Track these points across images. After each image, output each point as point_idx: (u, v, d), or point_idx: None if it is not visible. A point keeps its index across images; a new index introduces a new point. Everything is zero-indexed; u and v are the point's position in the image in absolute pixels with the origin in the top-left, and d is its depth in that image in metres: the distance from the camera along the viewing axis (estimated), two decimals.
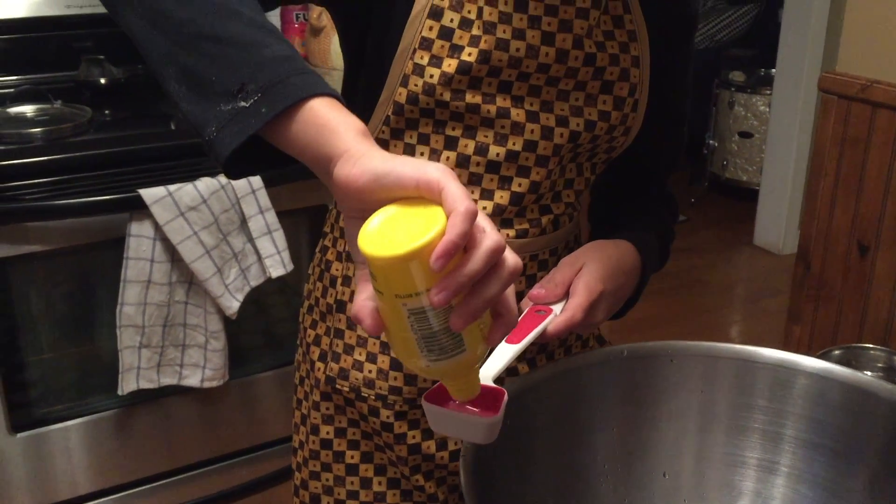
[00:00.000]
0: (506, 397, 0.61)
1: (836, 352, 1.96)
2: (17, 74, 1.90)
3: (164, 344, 1.65)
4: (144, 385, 1.66)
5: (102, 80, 1.87)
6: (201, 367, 1.70)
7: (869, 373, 1.90)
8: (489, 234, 0.52)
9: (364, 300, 0.55)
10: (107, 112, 1.79)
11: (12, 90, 1.77)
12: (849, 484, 0.66)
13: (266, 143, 0.60)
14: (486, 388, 0.61)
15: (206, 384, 1.71)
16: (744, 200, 3.87)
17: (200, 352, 1.69)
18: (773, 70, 3.51)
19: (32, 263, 1.59)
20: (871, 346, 1.94)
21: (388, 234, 0.51)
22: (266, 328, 1.92)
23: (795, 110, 3.34)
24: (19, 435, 1.64)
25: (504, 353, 0.68)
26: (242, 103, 0.58)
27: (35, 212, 1.51)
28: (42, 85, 1.80)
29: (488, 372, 0.66)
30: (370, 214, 0.53)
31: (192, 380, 1.70)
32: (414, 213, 0.52)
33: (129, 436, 1.75)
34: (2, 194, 1.49)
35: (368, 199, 0.54)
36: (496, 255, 0.52)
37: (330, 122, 0.57)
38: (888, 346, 1.93)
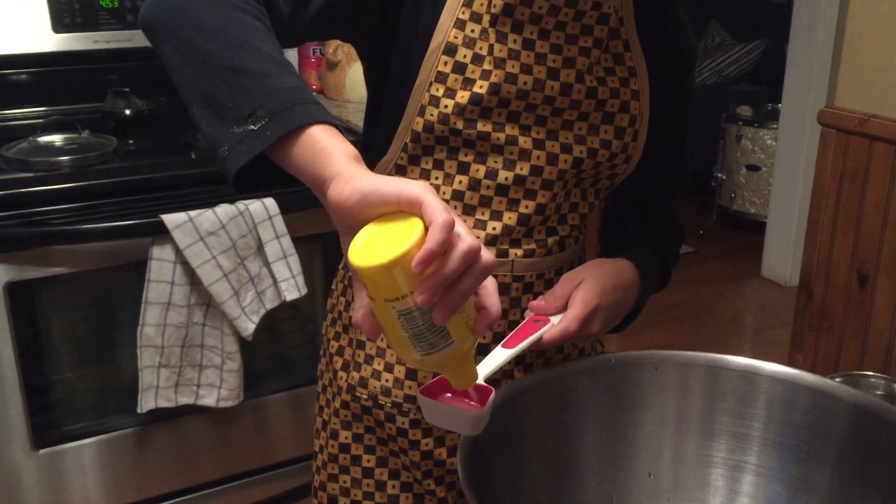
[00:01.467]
0: (493, 395, 0.67)
1: (837, 379, 1.99)
2: (47, 105, 1.99)
3: (182, 364, 1.71)
4: (162, 404, 1.71)
5: (127, 112, 1.95)
6: (217, 388, 1.76)
7: None
8: (464, 238, 0.58)
9: (359, 307, 0.61)
10: (131, 142, 1.86)
11: (42, 120, 1.85)
12: (813, 479, 0.71)
13: (272, 163, 0.67)
14: (476, 386, 0.67)
15: (222, 404, 1.77)
16: (752, 232, 3.92)
17: (217, 372, 1.75)
18: (780, 105, 3.58)
19: (57, 285, 1.66)
20: (871, 373, 1.98)
21: (373, 246, 0.57)
22: (280, 352, 1.98)
23: (801, 144, 3.39)
24: (41, 451, 1.69)
25: (498, 356, 0.74)
26: (252, 126, 0.66)
27: (62, 236, 1.58)
28: (71, 115, 1.88)
29: (481, 372, 0.71)
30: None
31: (209, 399, 1.75)
32: (395, 227, 0.58)
33: (146, 454, 1.80)
34: (31, 219, 1.56)
35: (358, 216, 0.60)
36: (472, 257, 0.58)
37: (326, 148, 0.64)
38: (888, 374, 1.96)
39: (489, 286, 0.62)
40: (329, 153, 0.64)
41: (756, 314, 3.49)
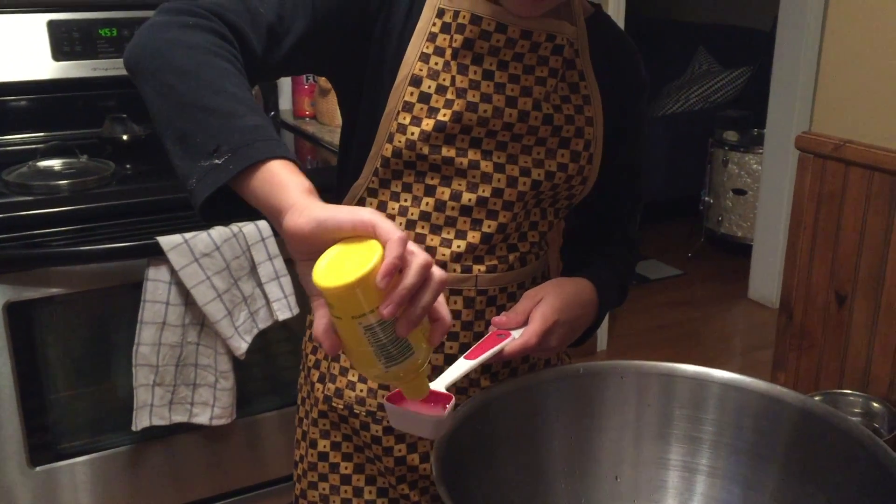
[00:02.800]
0: (452, 401, 0.72)
1: (817, 398, 2.04)
2: (47, 131, 2.05)
3: (177, 383, 1.75)
4: (156, 422, 1.75)
5: (125, 137, 2.00)
6: (210, 406, 1.80)
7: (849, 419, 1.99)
8: (418, 255, 0.63)
9: (318, 325, 0.67)
10: (128, 166, 1.92)
11: (42, 145, 1.90)
12: (763, 479, 0.76)
13: (235, 194, 0.73)
14: (438, 394, 0.72)
15: (215, 422, 1.81)
16: (739, 255, 3.97)
17: (210, 391, 1.79)
18: (765, 130, 3.65)
19: (55, 305, 1.70)
20: (850, 392, 2.03)
21: (336, 269, 0.63)
22: (271, 373, 2.02)
23: (784, 169, 3.46)
24: (37, 469, 1.73)
25: (460, 367, 0.79)
26: (216, 161, 0.71)
27: (60, 257, 1.63)
28: (70, 141, 1.94)
29: (443, 380, 0.77)
30: (318, 256, 0.64)
31: (202, 417, 1.79)
32: (354, 249, 0.64)
33: (141, 472, 1.84)
34: (31, 241, 1.61)
35: (314, 243, 0.66)
36: (427, 270, 0.63)
37: (283, 181, 0.70)
38: (866, 392, 2.01)
39: (441, 300, 0.68)
40: (285, 186, 0.70)
41: (743, 335, 3.54)
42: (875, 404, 1.96)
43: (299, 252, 0.68)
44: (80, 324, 1.77)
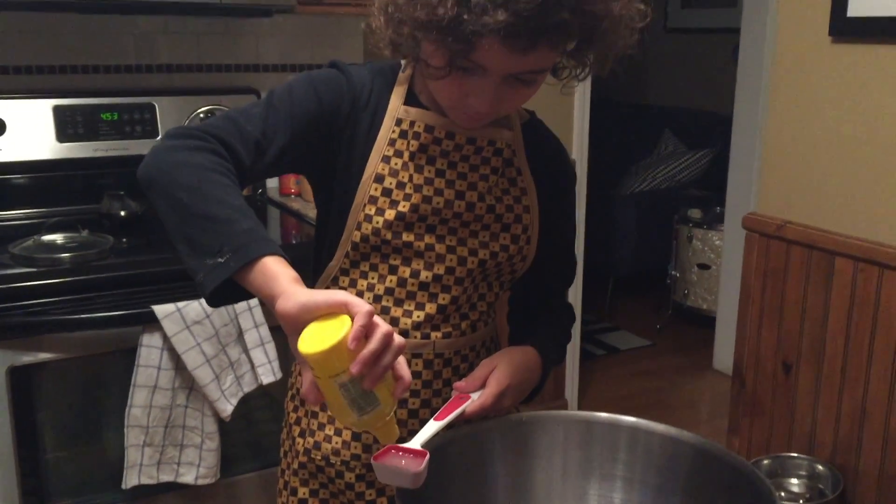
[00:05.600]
0: (427, 457, 0.87)
1: (766, 461, 2.19)
2: (51, 206, 2.20)
3: (165, 443, 1.86)
4: (145, 480, 1.86)
5: (122, 213, 2.15)
6: (196, 466, 1.91)
7: (795, 480, 2.13)
8: (381, 325, 0.81)
9: (305, 384, 0.84)
10: (124, 240, 2.05)
11: (46, 220, 2.05)
12: None
13: (236, 283, 0.90)
14: (415, 450, 0.88)
15: (200, 481, 1.91)
16: (704, 327, 4.13)
17: (196, 451, 1.90)
18: None
19: (55, 369, 1.82)
20: (796, 455, 2.17)
21: (316, 338, 0.80)
22: (253, 438, 2.13)
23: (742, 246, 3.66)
24: None
25: (431, 427, 0.95)
26: (220, 259, 0.88)
27: (62, 325, 1.75)
28: (71, 216, 2.08)
29: (418, 439, 0.92)
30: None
31: (188, 477, 1.90)
32: (329, 324, 0.82)
33: None
34: (35, 309, 1.74)
35: (300, 321, 0.83)
36: (388, 337, 0.81)
37: (274, 273, 0.87)
38: (811, 455, 2.15)
39: (401, 361, 0.85)
40: (276, 277, 0.87)
41: (708, 403, 3.68)
42: (819, 467, 2.10)
43: (289, 328, 0.85)
44: (76, 387, 1.89)
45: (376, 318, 0.81)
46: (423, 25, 0.89)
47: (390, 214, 1.05)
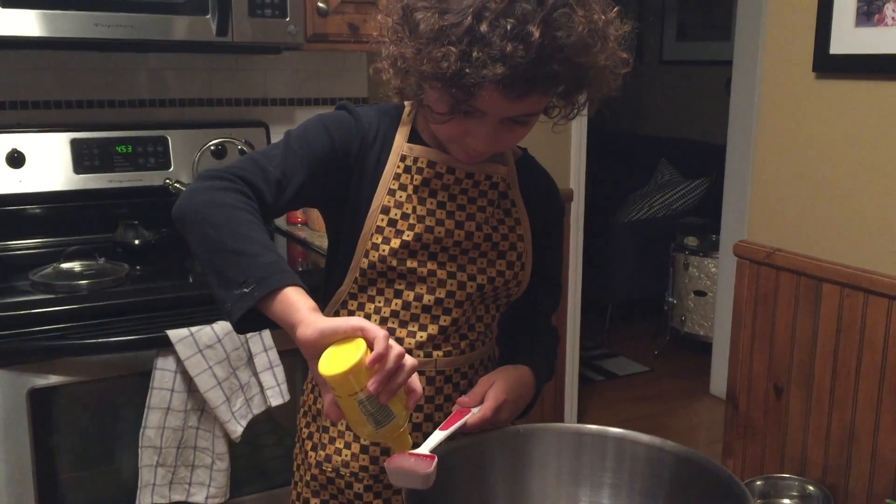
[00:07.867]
0: (436, 460, 0.94)
1: (759, 482, 2.25)
2: (68, 235, 2.28)
3: (177, 464, 1.93)
4: (157, 500, 1.92)
5: (136, 241, 2.24)
6: (206, 486, 1.97)
7: (787, 501, 2.19)
8: (395, 347, 0.90)
9: (326, 402, 0.93)
10: (138, 267, 2.14)
11: (63, 248, 2.13)
12: None
13: (260, 312, 0.99)
14: (424, 455, 0.96)
15: (210, 501, 1.98)
16: (701, 353, 4.20)
17: (207, 472, 1.97)
18: None
19: (72, 392, 1.90)
20: (788, 475, 2.24)
21: (335, 361, 0.89)
22: (260, 461, 2.20)
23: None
24: None
25: (437, 436, 1.03)
26: (245, 290, 0.98)
27: (80, 349, 1.82)
28: (89, 245, 2.16)
29: (427, 446, 1.01)
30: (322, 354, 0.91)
31: (198, 497, 1.97)
32: (345, 348, 0.91)
33: None
34: (53, 334, 1.82)
35: (319, 346, 0.92)
36: (401, 358, 0.90)
37: (295, 303, 0.96)
38: (803, 475, 2.22)
39: (413, 377, 0.94)
40: (296, 306, 0.95)
41: (705, 428, 3.74)
42: (810, 487, 2.16)
43: (308, 353, 0.93)
44: (93, 408, 1.96)
45: (391, 341, 0.90)
46: (428, 77, 0.98)
47: (396, 243, 1.14)
